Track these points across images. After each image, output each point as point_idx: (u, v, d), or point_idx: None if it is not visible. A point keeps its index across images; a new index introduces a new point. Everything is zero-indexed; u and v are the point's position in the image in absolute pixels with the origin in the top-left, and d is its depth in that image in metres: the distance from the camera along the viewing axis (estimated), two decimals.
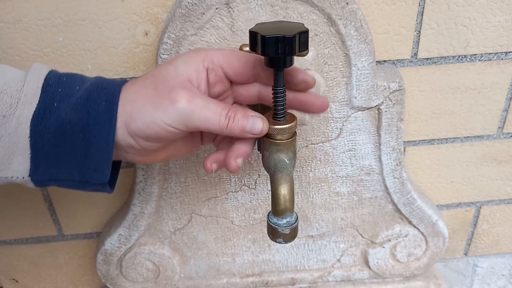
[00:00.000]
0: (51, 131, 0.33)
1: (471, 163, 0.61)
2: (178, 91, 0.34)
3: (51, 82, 0.35)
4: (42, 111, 0.33)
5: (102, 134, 0.34)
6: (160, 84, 0.34)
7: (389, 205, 0.57)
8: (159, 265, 0.59)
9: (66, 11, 0.47)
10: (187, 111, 0.33)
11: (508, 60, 0.53)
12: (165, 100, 0.34)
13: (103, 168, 0.35)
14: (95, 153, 0.34)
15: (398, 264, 0.62)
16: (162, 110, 0.33)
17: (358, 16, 0.45)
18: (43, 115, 0.33)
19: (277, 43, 0.32)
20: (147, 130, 0.34)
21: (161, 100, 0.34)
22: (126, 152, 0.37)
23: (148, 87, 0.35)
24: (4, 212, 0.61)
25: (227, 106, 0.35)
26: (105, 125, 0.34)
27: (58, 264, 0.66)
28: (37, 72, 0.35)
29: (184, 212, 0.56)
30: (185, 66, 0.35)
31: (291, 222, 0.37)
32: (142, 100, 0.34)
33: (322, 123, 0.51)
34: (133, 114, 0.34)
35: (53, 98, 0.34)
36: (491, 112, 0.56)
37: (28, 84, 0.34)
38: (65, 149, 0.34)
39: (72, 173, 0.35)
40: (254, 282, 0.63)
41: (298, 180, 0.55)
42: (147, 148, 0.36)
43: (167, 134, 0.34)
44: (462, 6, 0.49)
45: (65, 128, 0.34)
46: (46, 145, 0.34)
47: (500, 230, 0.68)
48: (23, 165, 0.34)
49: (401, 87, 0.49)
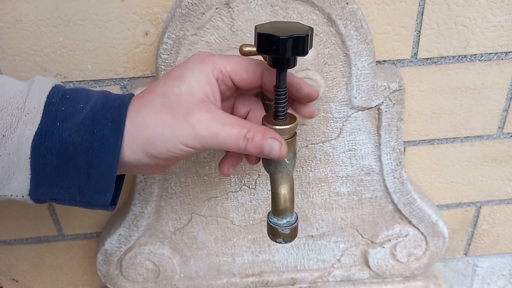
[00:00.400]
0: (53, 152, 0.33)
1: (471, 163, 0.61)
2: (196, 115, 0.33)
3: (54, 100, 0.33)
4: (44, 132, 0.32)
5: (107, 156, 0.33)
6: (176, 106, 0.34)
7: (389, 205, 0.57)
8: (159, 265, 0.59)
9: (66, 11, 0.47)
10: (207, 135, 0.33)
11: (508, 60, 0.53)
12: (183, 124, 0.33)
13: (105, 191, 0.34)
14: (98, 175, 0.34)
15: (398, 264, 0.62)
16: (183, 135, 0.33)
17: (358, 16, 0.45)
18: (45, 136, 0.32)
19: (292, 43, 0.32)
20: (168, 153, 0.34)
21: (179, 124, 0.33)
22: (138, 169, 0.37)
23: (162, 110, 0.34)
24: (4, 212, 0.61)
25: (245, 126, 0.34)
26: (110, 147, 0.33)
27: (58, 264, 0.66)
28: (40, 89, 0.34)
29: (184, 212, 0.56)
30: (198, 82, 0.34)
31: (291, 222, 0.37)
32: (159, 127, 0.33)
33: (322, 123, 0.51)
34: (152, 140, 0.34)
35: (56, 117, 0.33)
36: (491, 112, 0.56)
37: (30, 102, 0.33)
38: (67, 171, 0.33)
39: (73, 194, 0.34)
40: (254, 282, 0.63)
41: (298, 180, 0.55)
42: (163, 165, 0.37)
43: (187, 154, 0.35)
44: (462, 6, 0.49)
45: (68, 149, 0.33)
46: (47, 166, 0.33)
47: (500, 230, 0.68)
48: (22, 185, 0.33)
49: (401, 87, 0.49)
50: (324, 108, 0.50)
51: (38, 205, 0.60)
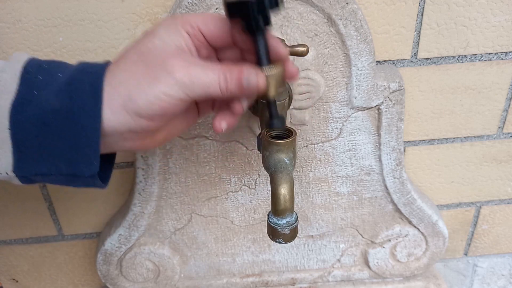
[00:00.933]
0: (32, 121, 0.31)
1: (471, 163, 0.61)
2: (173, 61, 0.32)
3: (30, 70, 0.33)
4: (21, 100, 0.31)
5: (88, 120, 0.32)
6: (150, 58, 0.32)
7: (389, 205, 0.57)
8: (159, 265, 0.59)
9: (66, 11, 0.47)
10: (186, 80, 0.32)
11: (508, 60, 0.53)
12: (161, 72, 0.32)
13: (92, 158, 0.33)
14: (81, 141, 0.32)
15: (398, 264, 0.62)
16: (162, 83, 0.32)
17: (358, 16, 0.45)
18: (22, 105, 0.31)
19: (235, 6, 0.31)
20: (151, 107, 0.32)
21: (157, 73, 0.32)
22: (124, 139, 0.35)
23: (137, 64, 0.33)
24: (4, 212, 0.61)
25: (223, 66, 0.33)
26: (91, 110, 0.32)
27: (58, 264, 0.66)
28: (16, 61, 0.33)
29: (184, 212, 0.56)
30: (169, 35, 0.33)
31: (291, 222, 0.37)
32: (135, 79, 0.32)
33: (322, 123, 0.51)
34: (131, 95, 0.32)
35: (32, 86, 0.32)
36: (491, 112, 0.56)
37: (6, 73, 0.32)
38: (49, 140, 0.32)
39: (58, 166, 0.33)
40: (254, 282, 0.63)
41: (298, 180, 0.55)
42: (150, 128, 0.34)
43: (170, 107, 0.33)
44: (462, 6, 0.49)
45: (47, 117, 0.32)
46: (28, 136, 0.32)
47: (500, 230, 0.68)
48: (5, 159, 0.32)
49: (401, 87, 0.49)
50: (324, 108, 0.50)
51: (38, 205, 0.60)
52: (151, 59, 0.33)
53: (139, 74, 0.32)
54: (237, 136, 0.52)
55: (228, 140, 0.52)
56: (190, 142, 0.52)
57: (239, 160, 0.53)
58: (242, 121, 0.50)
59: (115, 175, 0.59)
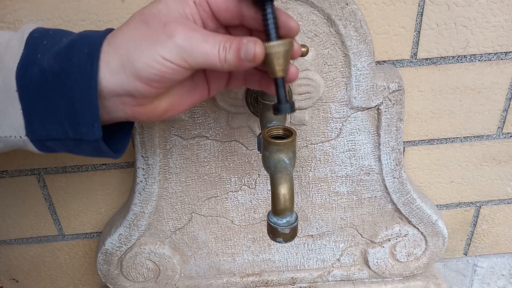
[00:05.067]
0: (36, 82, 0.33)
1: (471, 163, 0.61)
2: (175, 25, 0.32)
3: (36, 35, 0.34)
4: (25, 63, 0.33)
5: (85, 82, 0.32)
6: (153, 22, 0.32)
7: (388, 205, 0.57)
8: (160, 265, 0.60)
9: (66, 11, 0.47)
10: (186, 45, 0.31)
11: (507, 60, 0.53)
12: (161, 35, 0.31)
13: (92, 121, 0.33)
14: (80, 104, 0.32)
15: (398, 264, 0.62)
16: (161, 46, 0.31)
17: (358, 16, 0.45)
18: (26, 67, 0.33)
19: None
20: (148, 69, 0.32)
21: (157, 35, 0.31)
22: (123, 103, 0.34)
23: (139, 26, 0.33)
24: (4, 212, 0.61)
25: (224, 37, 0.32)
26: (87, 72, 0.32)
27: (58, 264, 0.66)
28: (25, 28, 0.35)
29: (184, 211, 0.57)
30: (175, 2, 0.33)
31: (291, 221, 0.37)
32: (136, 40, 0.32)
33: (321, 123, 0.51)
34: (130, 55, 0.32)
35: (36, 49, 0.33)
36: (491, 112, 0.56)
37: (15, 39, 0.34)
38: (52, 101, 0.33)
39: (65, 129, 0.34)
40: (254, 281, 0.63)
41: (298, 180, 0.55)
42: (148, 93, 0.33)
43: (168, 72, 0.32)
44: (462, 6, 0.49)
45: (48, 78, 0.32)
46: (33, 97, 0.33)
47: (500, 230, 0.68)
48: (16, 120, 0.33)
49: (401, 87, 0.49)
50: (324, 108, 0.50)
51: (38, 205, 0.60)
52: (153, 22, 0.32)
53: (139, 36, 0.32)
54: (237, 136, 0.52)
55: (228, 140, 0.52)
56: (190, 142, 0.52)
57: (239, 160, 0.53)
58: (242, 121, 0.50)
59: (115, 175, 0.59)
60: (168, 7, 0.33)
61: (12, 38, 0.34)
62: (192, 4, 0.34)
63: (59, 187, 0.59)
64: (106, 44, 0.33)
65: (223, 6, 0.34)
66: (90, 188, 0.59)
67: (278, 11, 0.34)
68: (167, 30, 0.32)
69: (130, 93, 0.33)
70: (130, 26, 0.33)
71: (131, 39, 0.32)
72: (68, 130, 0.34)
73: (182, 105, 0.38)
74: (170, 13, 0.33)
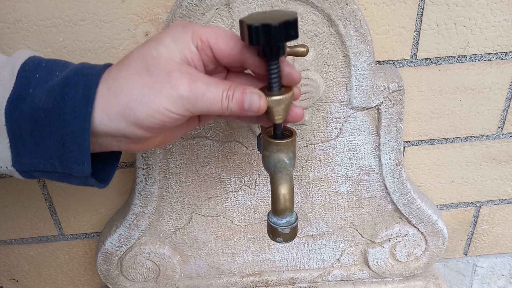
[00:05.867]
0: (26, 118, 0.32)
1: (471, 163, 0.61)
2: (178, 76, 0.32)
3: (28, 68, 0.33)
4: (16, 97, 0.32)
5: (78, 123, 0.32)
6: (155, 69, 0.32)
7: (388, 205, 0.57)
8: (160, 265, 0.60)
9: (67, 11, 0.47)
10: (190, 96, 0.32)
11: (507, 60, 0.53)
12: (165, 86, 0.31)
13: (82, 160, 0.33)
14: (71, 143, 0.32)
15: (398, 264, 0.62)
16: (165, 98, 0.31)
17: (358, 16, 0.45)
18: (17, 101, 0.32)
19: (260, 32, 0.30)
20: (150, 119, 0.32)
21: (161, 86, 0.31)
22: (118, 142, 0.34)
23: (142, 72, 0.32)
24: (4, 212, 0.61)
25: (227, 84, 0.33)
26: (81, 113, 0.31)
27: (58, 264, 0.66)
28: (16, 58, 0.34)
29: (185, 211, 0.57)
30: (176, 46, 0.33)
31: (291, 221, 0.37)
32: (138, 88, 0.32)
33: (321, 123, 0.51)
34: (132, 105, 0.31)
35: (29, 83, 0.32)
36: (491, 112, 0.57)
37: (5, 69, 0.33)
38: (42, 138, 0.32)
39: (54, 164, 0.33)
40: (254, 281, 0.63)
41: (298, 180, 0.55)
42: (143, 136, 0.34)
43: (170, 121, 0.32)
44: (462, 6, 0.49)
45: (39, 115, 0.32)
46: (23, 132, 0.32)
47: (500, 230, 0.68)
48: (4, 153, 0.33)
49: (401, 87, 0.49)
50: (324, 108, 0.50)
51: (38, 205, 0.60)
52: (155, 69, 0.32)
53: (142, 84, 0.32)
54: (237, 136, 0.52)
55: (228, 140, 0.52)
56: (190, 142, 0.52)
57: (239, 160, 0.53)
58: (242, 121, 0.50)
59: (115, 175, 0.59)
60: (169, 51, 0.33)
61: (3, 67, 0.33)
62: (194, 49, 0.33)
63: (59, 187, 0.59)
64: (105, 87, 0.32)
65: (226, 52, 0.34)
66: (90, 188, 0.59)
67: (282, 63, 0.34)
68: (171, 81, 0.31)
69: (126, 136, 0.33)
70: (131, 70, 0.32)
71: (133, 87, 0.32)
72: (57, 165, 0.33)
73: (175, 137, 0.39)
74: (171, 58, 0.32)
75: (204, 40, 0.33)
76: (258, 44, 0.31)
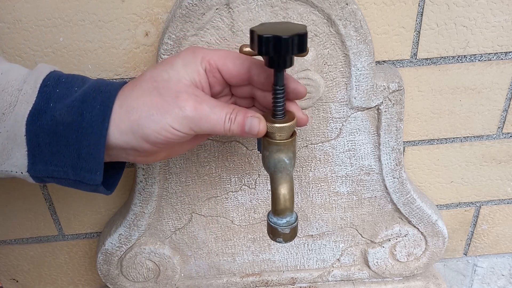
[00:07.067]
0: (46, 131, 0.35)
1: (471, 163, 0.61)
2: (185, 97, 0.34)
3: (49, 83, 0.36)
4: (37, 111, 0.35)
5: (95, 137, 0.35)
6: (164, 90, 0.35)
7: (388, 205, 0.57)
8: (160, 265, 0.60)
9: (67, 11, 0.47)
10: (195, 117, 0.34)
11: (507, 60, 0.53)
12: (172, 106, 0.34)
13: (95, 170, 0.36)
14: (87, 155, 0.35)
15: (398, 264, 0.62)
16: (171, 117, 0.34)
17: (358, 16, 0.45)
18: (38, 115, 0.34)
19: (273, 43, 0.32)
20: (156, 135, 0.35)
21: (169, 107, 0.34)
22: (127, 154, 0.37)
23: (152, 93, 0.35)
24: (4, 212, 0.61)
25: (230, 108, 0.36)
26: (98, 128, 0.34)
27: (58, 264, 0.66)
28: (38, 72, 0.36)
29: (185, 211, 0.57)
30: (186, 70, 0.36)
31: (291, 221, 0.37)
32: (148, 107, 0.35)
33: (321, 123, 0.51)
34: (141, 122, 0.35)
35: (49, 98, 0.35)
36: (491, 112, 0.57)
37: (28, 84, 0.35)
38: (59, 149, 0.35)
39: (67, 172, 0.36)
40: (254, 281, 0.63)
41: (298, 180, 0.55)
42: (151, 151, 0.37)
43: (175, 138, 0.35)
44: (462, 6, 0.49)
45: (59, 128, 0.35)
46: (41, 143, 0.35)
47: (500, 230, 0.68)
48: (21, 161, 0.35)
49: (401, 87, 0.49)
50: (323, 108, 0.50)
51: (38, 205, 0.60)
52: (164, 91, 0.35)
53: (151, 104, 0.35)
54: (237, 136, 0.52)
55: (228, 140, 0.52)
56: None
57: (239, 160, 0.53)
58: None
59: None
60: (179, 74, 0.36)
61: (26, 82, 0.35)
62: (203, 72, 0.36)
63: (59, 187, 0.59)
64: (118, 105, 0.35)
65: (234, 72, 0.37)
66: None
67: (287, 79, 0.37)
68: (179, 101, 0.34)
69: (135, 149, 0.36)
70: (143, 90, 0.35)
71: (143, 106, 0.35)
72: (70, 172, 0.36)
73: (181, 151, 0.42)
74: (180, 80, 0.35)
75: (212, 63, 0.36)
76: (267, 54, 0.33)
